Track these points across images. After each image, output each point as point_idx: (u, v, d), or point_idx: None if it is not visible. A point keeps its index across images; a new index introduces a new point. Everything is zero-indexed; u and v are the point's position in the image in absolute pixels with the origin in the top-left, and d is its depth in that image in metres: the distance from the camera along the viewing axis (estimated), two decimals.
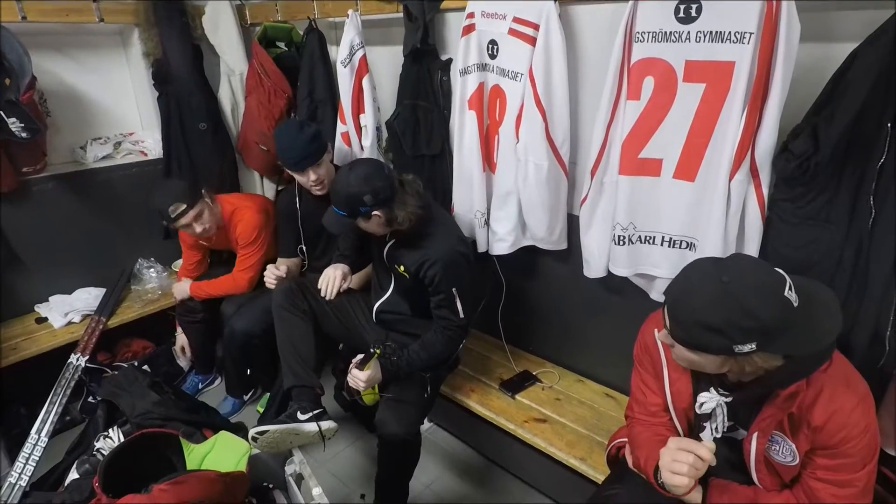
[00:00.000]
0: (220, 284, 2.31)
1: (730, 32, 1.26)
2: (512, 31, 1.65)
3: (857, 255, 1.22)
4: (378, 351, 1.64)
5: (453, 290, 1.66)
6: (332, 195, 1.63)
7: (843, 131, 1.14)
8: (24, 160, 2.24)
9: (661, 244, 1.55)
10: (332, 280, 1.86)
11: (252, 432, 1.61)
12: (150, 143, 2.68)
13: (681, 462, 1.05)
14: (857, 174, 1.20)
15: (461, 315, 1.69)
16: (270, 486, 1.67)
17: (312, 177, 1.95)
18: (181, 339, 2.59)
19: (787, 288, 0.92)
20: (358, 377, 1.65)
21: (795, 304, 0.92)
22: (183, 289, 2.38)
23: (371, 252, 1.90)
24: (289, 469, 1.68)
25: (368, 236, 1.80)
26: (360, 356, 1.67)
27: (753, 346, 0.91)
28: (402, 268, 1.71)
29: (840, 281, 1.25)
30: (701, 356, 0.99)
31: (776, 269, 0.96)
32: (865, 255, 1.21)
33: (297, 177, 2.00)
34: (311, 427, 1.66)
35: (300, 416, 1.67)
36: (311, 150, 1.92)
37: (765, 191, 1.33)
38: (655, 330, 1.21)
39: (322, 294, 1.86)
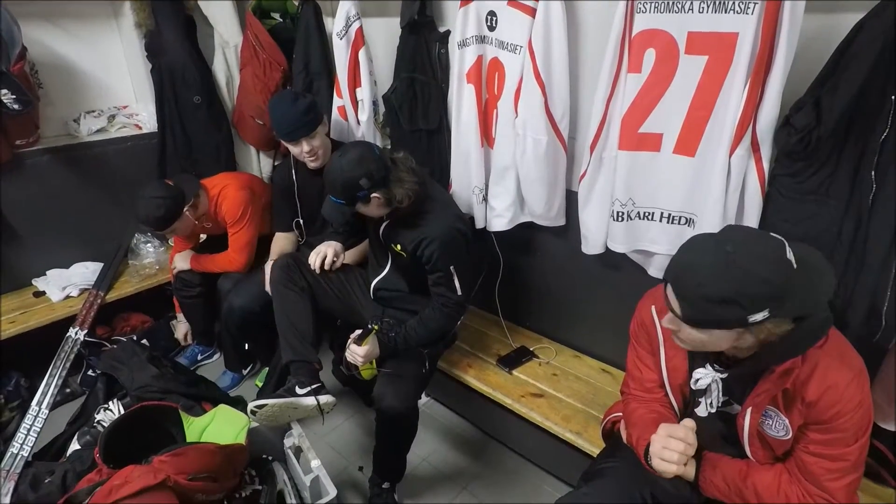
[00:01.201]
0: (218, 262, 2.30)
1: (733, 2, 1.23)
2: (511, 2, 1.62)
3: (857, 229, 1.21)
4: (376, 327, 1.65)
5: (451, 268, 1.65)
6: (327, 185, 1.60)
7: (847, 105, 1.13)
8: (16, 133, 2.21)
9: (660, 220, 1.54)
10: (321, 256, 1.86)
11: (251, 406, 1.62)
12: (145, 117, 2.65)
13: (671, 450, 1.07)
14: (858, 148, 1.18)
15: (459, 292, 1.69)
16: (270, 458, 1.70)
17: (306, 148, 1.93)
18: (183, 327, 2.59)
19: (787, 250, 0.91)
20: (356, 352, 1.66)
21: (795, 266, 0.91)
22: (183, 260, 2.37)
23: (367, 229, 1.88)
24: (288, 442, 1.70)
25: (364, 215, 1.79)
26: (358, 332, 1.68)
27: (766, 313, 0.89)
28: (398, 247, 1.71)
29: (838, 255, 1.25)
30: (712, 334, 0.97)
31: (771, 234, 0.95)
32: (864, 229, 1.20)
33: (291, 148, 1.98)
34: (310, 401, 1.68)
35: (298, 391, 1.68)
36: (306, 121, 1.89)
37: (765, 165, 1.32)
38: (653, 308, 1.21)
39: (310, 264, 1.86)
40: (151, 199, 2.07)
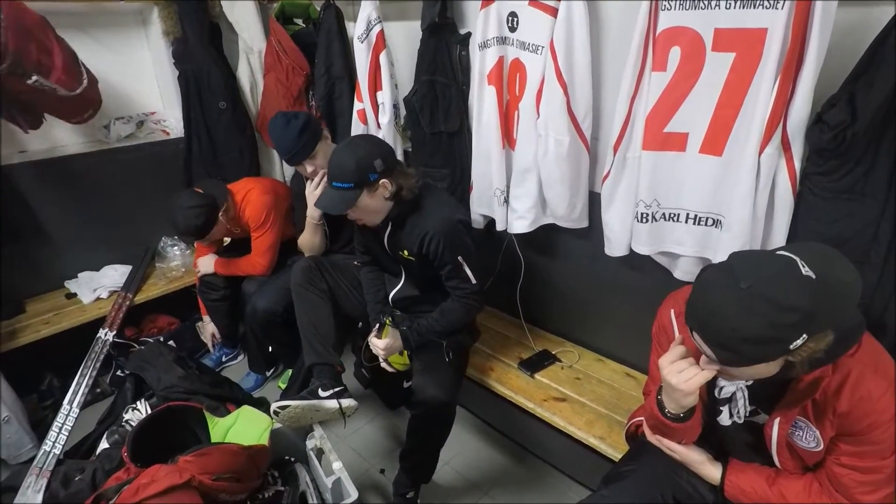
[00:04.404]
0: (242, 266, 2.33)
1: None
2: (533, 2, 1.60)
3: (895, 229, 1.17)
4: (388, 320, 1.68)
5: (458, 258, 1.63)
6: (333, 171, 1.56)
7: (884, 100, 1.08)
8: (67, 113, 2.22)
9: (686, 221, 1.51)
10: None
11: (274, 406, 1.64)
12: (172, 122, 2.71)
13: (681, 363, 1.03)
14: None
15: (472, 281, 1.66)
16: (292, 459, 1.71)
17: (309, 169, 1.95)
18: (210, 327, 2.63)
19: (801, 266, 0.87)
20: (377, 345, 1.69)
21: (814, 277, 0.87)
22: (208, 263, 2.40)
23: (374, 252, 1.87)
24: (310, 444, 1.72)
25: (365, 234, 1.80)
26: (377, 326, 1.73)
27: (805, 336, 0.86)
28: (405, 252, 1.70)
29: (875, 257, 1.19)
30: (757, 367, 0.93)
31: (776, 251, 0.92)
32: None
33: (297, 169, 2.01)
34: (332, 404, 1.69)
35: (321, 394, 1.70)
36: (301, 144, 1.90)
37: (797, 164, 1.28)
38: (672, 311, 1.19)
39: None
40: (189, 209, 2.10)
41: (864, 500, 1.01)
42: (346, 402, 1.71)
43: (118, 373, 2.46)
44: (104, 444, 1.74)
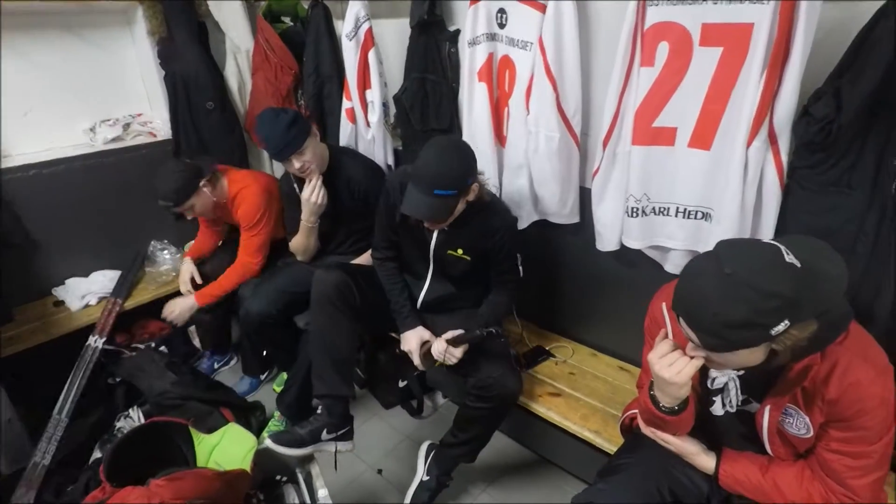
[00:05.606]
0: (227, 281, 2.27)
1: None
2: None
3: (881, 221, 1.19)
4: (492, 330, 1.65)
5: (517, 254, 1.73)
6: (434, 178, 1.47)
7: (869, 93, 1.10)
8: None
9: (676, 215, 1.52)
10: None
11: (268, 443, 1.59)
12: (159, 124, 2.68)
13: (670, 357, 1.05)
14: (881, 138, 1.15)
15: (520, 273, 1.77)
16: (284, 479, 1.63)
17: (296, 165, 1.91)
18: (188, 268, 2.47)
19: (784, 254, 0.89)
20: (454, 353, 1.64)
21: (799, 265, 0.89)
22: (189, 304, 2.29)
23: (405, 251, 1.84)
24: (299, 467, 1.65)
25: (402, 235, 1.78)
26: (452, 333, 1.66)
27: (787, 322, 0.87)
28: (460, 251, 1.69)
29: (862, 248, 1.22)
30: (739, 354, 0.95)
31: (763, 240, 0.93)
32: (889, 220, 1.18)
33: (285, 166, 1.97)
34: (328, 447, 1.68)
35: (324, 436, 1.65)
36: (290, 138, 1.86)
37: (784, 158, 1.30)
38: (663, 305, 1.20)
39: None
40: (169, 172, 2.09)
41: (855, 484, 1.03)
42: (344, 447, 1.68)
43: (109, 380, 2.43)
44: (97, 453, 1.72)
